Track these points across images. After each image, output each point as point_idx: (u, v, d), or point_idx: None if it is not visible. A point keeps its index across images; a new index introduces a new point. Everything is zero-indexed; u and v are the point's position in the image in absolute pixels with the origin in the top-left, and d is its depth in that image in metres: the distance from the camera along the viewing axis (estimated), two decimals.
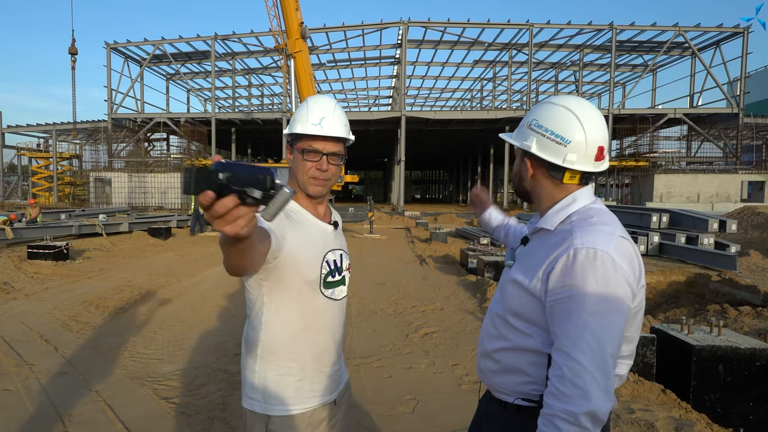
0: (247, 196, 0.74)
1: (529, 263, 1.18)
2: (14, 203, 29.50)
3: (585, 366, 0.99)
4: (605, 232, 1.08)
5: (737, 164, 26.81)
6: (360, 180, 38.11)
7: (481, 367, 1.31)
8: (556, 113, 1.18)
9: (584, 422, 0.98)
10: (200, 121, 30.02)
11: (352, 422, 1.58)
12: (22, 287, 7.01)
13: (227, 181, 0.72)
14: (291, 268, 1.29)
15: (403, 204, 28.15)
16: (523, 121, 1.27)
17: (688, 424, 2.83)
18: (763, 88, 36.55)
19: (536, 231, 1.23)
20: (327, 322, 1.40)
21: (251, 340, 1.37)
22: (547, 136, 1.18)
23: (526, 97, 30.75)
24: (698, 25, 26.16)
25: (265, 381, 1.35)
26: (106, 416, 3.18)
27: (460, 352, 4.47)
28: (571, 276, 1.04)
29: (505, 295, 1.23)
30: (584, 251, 1.04)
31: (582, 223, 1.12)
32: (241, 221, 0.76)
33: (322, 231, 1.41)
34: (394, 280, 7.93)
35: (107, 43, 29.57)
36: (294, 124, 1.39)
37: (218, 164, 0.73)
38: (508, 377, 1.21)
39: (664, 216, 10.72)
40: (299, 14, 17.45)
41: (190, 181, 0.71)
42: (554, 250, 1.11)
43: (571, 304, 1.03)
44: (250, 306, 1.38)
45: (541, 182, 1.22)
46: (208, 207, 0.73)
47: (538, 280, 1.11)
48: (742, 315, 5.08)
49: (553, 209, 1.19)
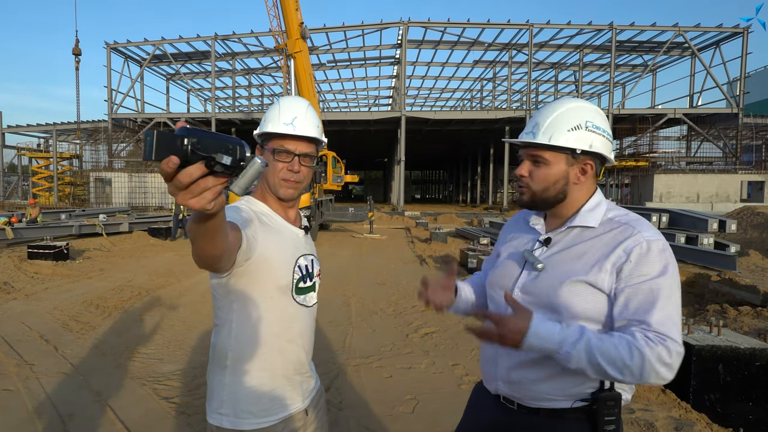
0: (216, 163, 0.67)
1: (583, 260, 1.17)
2: (14, 203, 29.48)
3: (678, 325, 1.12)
4: (653, 226, 1.19)
5: (737, 164, 26.81)
6: (360, 180, 38.07)
7: (514, 378, 1.25)
8: (597, 114, 1.24)
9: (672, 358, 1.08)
10: (200, 121, 30.02)
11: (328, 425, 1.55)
12: (22, 287, 7.01)
13: (193, 147, 0.65)
14: (263, 272, 1.24)
15: (403, 204, 28.15)
16: (559, 123, 1.21)
17: (688, 424, 2.84)
18: (763, 88, 36.56)
19: (569, 230, 1.25)
20: (299, 329, 1.35)
21: (221, 350, 1.30)
22: (605, 137, 1.23)
23: (525, 97, 30.75)
24: (698, 25, 26.15)
25: (236, 393, 1.28)
26: (106, 416, 3.18)
27: (460, 352, 4.47)
28: (649, 264, 1.12)
29: (559, 297, 1.17)
30: (655, 243, 1.13)
31: (629, 217, 1.20)
32: (207, 194, 0.70)
33: (294, 235, 1.37)
34: (394, 280, 7.94)
35: (107, 43, 29.58)
36: (265, 123, 1.35)
37: (183, 129, 0.66)
38: (561, 381, 1.19)
39: (664, 216, 10.71)
40: (299, 14, 17.44)
41: (151, 145, 0.63)
42: (615, 243, 1.16)
43: (658, 288, 1.11)
44: (219, 314, 1.31)
45: (588, 182, 1.26)
46: (172, 176, 0.66)
47: (606, 273, 1.14)
48: (742, 315, 5.08)
49: (586, 208, 1.24)
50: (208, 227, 0.84)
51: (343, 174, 18.60)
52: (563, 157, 1.22)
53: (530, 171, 1.25)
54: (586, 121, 1.21)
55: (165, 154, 0.64)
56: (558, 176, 1.22)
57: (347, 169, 20.27)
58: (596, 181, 1.28)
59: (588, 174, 1.24)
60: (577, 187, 1.24)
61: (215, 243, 0.92)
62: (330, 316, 5.69)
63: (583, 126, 1.20)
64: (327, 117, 27.55)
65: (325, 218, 15.67)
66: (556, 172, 1.22)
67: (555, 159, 1.22)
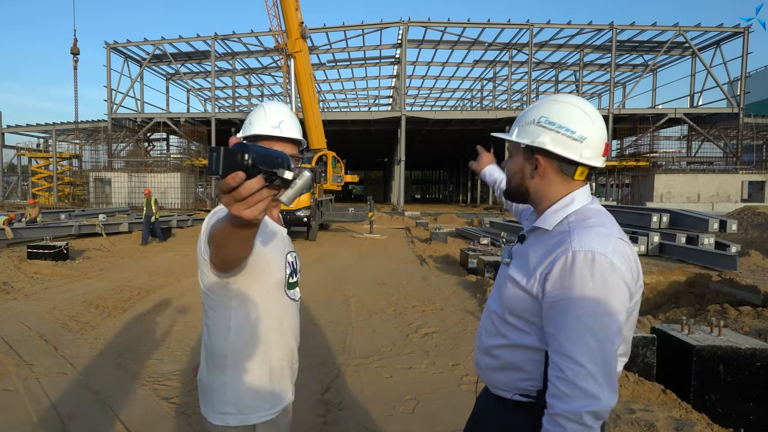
0: (276, 177, 0.71)
1: (526, 262, 1.18)
2: (14, 203, 29.48)
3: (586, 367, 1.02)
4: (603, 234, 1.08)
5: (737, 164, 26.79)
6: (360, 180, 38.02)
7: (479, 363, 1.32)
8: (565, 110, 1.18)
9: (587, 420, 1.01)
10: (200, 121, 30.01)
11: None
12: (22, 287, 7.01)
13: (254, 162, 0.69)
14: (261, 268, 1.29)
15: (403, 204, 28.14)
16: (523, 118, 1.24)
17: (689, 424, 2.83)
18: (763, 88, 36.54)
19: (533, 230, 1.24)
20: (290, 322, 1.42)
21: (218, 350, 1.33)
22: (561, 133, 1.17)
23: (526, 97, 30.73)
24: (698, 25, 26.13)
25: (238, 391, 1.31)
26: (106, 416, 3.17)
27: (460, 352, 4.47)
28: (570, 279, 1.05)
29: (503, 293, 1.23)
30: (582, 254, 1.05)
31: (580, 224, 1.12)
32: (261, 205, 0.73)
33: (280, 233, 1.44)
34: (394, 280, 7.93)
35: (107, 43, 29.56)
36: (250, 126, 1.41)
37: (241, 145, 0.69)
38: (506, 374, 1.22)
39: (665, 216, 10.71)
40: (299, 14, 17.43)
41: (218, 161, 0.67)
42: (552, 251, 1.11)
43: (570, 307, 1.04)
44: (213, 314, 1.34)
45: (550, 179, 1.21)
46: (233, 188, 0.69)
47: (536, 281, 1.13)
48: (743, 315, 5.08)
49: (551, 209, 1.20)
50: (247, 234, 0.88)
51: (343, 174, 18.59)
52: (521, 151, 1.24)
53: (506, 162, 1.32)
54: (540, 116, 1.19)
55: (230, 170, 0.68)
56: (515, 169, 1.26)
57: (347, 169, 20.25)
58: (576, 180, 1.20)
59: (542, 171, 1.20)
60: (534, 183, 1.23)
61: (246, 247, 0.97)
62: (330, 316, 5.68)
63: (536, 121, 1.20)
64: (327, 117, 27.51)
65: (325, 218, 15.66)
66: (515, 165, 1.27)
67: (515, 152, 1.27)
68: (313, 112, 17.60)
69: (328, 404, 3.38)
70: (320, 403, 3.39)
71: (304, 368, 3.88)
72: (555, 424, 1.04)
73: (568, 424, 1.02)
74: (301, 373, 1.70)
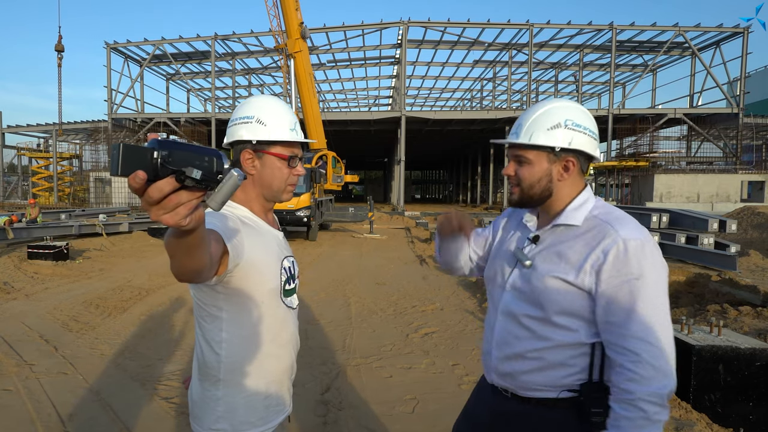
0: (186, 177, 0.63)
1: (563, 259, 1.20)
2: (14, 203, 29.48)
3: (662, 346, 1.08)
4: (637, 224, 1.17)
5: (737, 164, 26.78)
6: (360, 180, 38.02)
7: (505, 370, 1.29)
8: (580, 112, 1.25)
9: (665, 401, 1.06)
10: (200, 121, 30.03)
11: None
12: (22, 287, 7.01)
13: (163, 161, 0.62)
14: (253, 276, 1.20)
15: (403, 204, 28.12)
16: (540, 123, 1.23)
17: (688, 424, 2.83)
18: (763, 88, 36.51)
19: (553, 228, 1.26)
20: (288, 333, 1.34)
21: (210, 363, 1.25)
22: (587, 134, 1.24)
23: (526, 97, 30.73)
24: (698, 25, 26.12)
25: (231, 406, 1.24)
26: (106, 416, 3.18)
27: (460, 352, 4.47)
28: (627, 266, 1.11)
29: (543, 295, 1.21)
30: (633, 242, 1.12)
31: (611, 216, 1.20)
32: (181, 209, 0.66)
33: (275, 238, 1.36)
34: (394, 280, 7.93)
35: (107, 43, 29.56)
36: (268, 129, 1.28)
37: (154, 141, 0.63)
38: (547, 373, 1.22)
39: (664, 216, 10.70)
40: (299, 14, 17.44)
41: (117, 159, 0.60)
42: (596, 243, 1.16)
43: (636, 290, 1.09)
44: (205, 325, 1.25)
45: (573, 179, 1.26)
46: (142, 191, 0.62)
47: (586, 274, 1.15)
48: (742, 315, 5.08)
49: (572, 206, 1.25)
50: (187, 243, 0.80)
51: (343, 174, 18.60)
52: (544, 155, 1.25)
53: (516, 170, 1.29)
54: (566, 119, 1.23)
55: (132, 169, 0.60)
56: (541, 174, 1.26)
57: (347, 169, 20.28)
58: (584, 178, 1.29)
59: (571, 171, 1.25)
60: (561, 184, 1.26)
61: (194, 258, 0.86)
62: (330, 316, 5.69)
63: (563, 124, 1.23)
64: (327, 117, 27.50)
65: (325, 218, 15.67)
66: (539, 170, 1.26)
67: (537, 158, 1.26)
68: (313, 112, 17.61)
69: (328, 404, 3.38)
70: (320, 403, 3.39)
71: (304, 368, 3.88)
72: (635, 409, 1.06)
73: (650, 407, 1.05)
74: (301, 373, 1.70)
